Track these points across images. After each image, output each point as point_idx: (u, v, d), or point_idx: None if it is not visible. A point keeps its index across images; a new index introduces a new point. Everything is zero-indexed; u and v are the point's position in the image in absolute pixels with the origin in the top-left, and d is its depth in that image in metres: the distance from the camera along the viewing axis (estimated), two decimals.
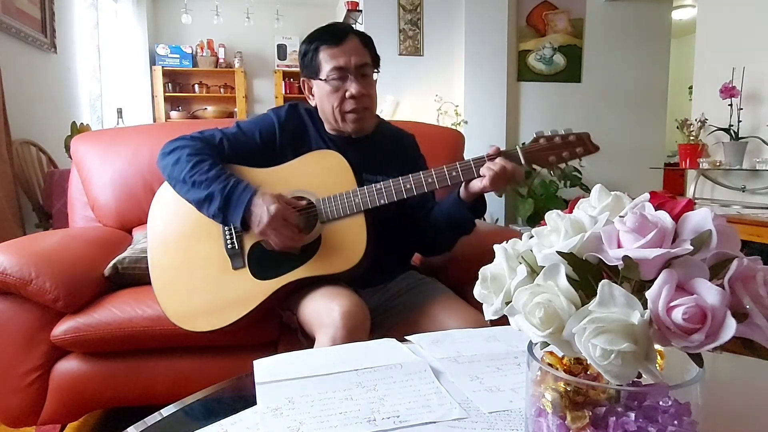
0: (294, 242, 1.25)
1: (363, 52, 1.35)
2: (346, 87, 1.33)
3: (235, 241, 1.31)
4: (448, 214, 1.34)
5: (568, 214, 0.47)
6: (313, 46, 1.36)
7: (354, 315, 1.17)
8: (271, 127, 1.39)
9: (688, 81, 4.35)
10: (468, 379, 0.73)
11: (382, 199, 1.26)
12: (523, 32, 4.28)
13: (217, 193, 1.23)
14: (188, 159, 1.28)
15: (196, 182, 1.26)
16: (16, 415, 1.40)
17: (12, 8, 2.97)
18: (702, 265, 0.42)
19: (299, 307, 1.30)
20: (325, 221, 1.29)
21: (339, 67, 1.32)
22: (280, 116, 1.41)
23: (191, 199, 1.28)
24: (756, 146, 2.66)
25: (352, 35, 1.35)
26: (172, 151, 1.31)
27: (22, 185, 2.84)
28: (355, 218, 1.28)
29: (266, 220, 1.20)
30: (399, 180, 1.27)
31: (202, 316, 1.30)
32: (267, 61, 5.93)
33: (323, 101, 1.37)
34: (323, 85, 1.35)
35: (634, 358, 0.40)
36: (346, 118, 1.36)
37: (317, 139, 1.41)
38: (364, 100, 1.35)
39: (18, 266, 1.32)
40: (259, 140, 1.38)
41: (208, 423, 0.64)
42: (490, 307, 0.50)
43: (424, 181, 1.26)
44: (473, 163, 1.24)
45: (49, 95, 3.50)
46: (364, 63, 1.35)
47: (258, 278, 1.29)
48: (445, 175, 1.25)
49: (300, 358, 0.83)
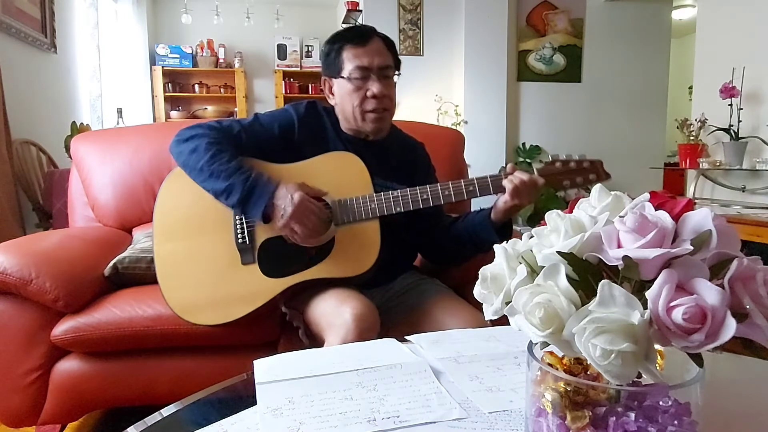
0: (317, 235, 1.25)
1: (386, 54, 1.36)
2: (367, 87, 1.34)
3: (246, 236, 1.30)
4: (474, 232, 1.34)
5: (568, 214, 0.47)
6: (337, 46, 1.37)
7: (365, 318, 1.17)
8: (290, 121, 1.39)
9: (688, 81, 4.36)
10: (468, 379, 0.73)
11: (398, 207, 1.27)
12: (523, 32, 4.29)
13: (238, 185, 1.22)
14: (207, 148, 1.26)
15: (215, 172, 1.24)
16: (16, 415, 1.40)
17: (12, 8, 2.97)
18: (702, 265, 0.42)
19: (308, 307, 1.29)
20: (339, 224, 1.28)
21: (362, 66, 1.33)
22: (299, 112, 1.40)
23: (209, 188, 1.26)
24: (756, 146, 2.66)
25: (376, 37, 1.37)
26: (190, 138, 1.30)
27: (22, 185, 2.84)
28: (369, 223, 1.28)
29: (290, 211, 1.20)
30: (416, 190, 1.27)
31: (206, 310, 1.30)
32: (267, 61, 5.92)
33: (344, 100, 1.37)
34: (345, 84, 1.35)
35: (634, 358, 0.40)
36: (366, 118, 1.36)
37: (334, 138, 1.41)
38: (384, 101, 1.36)
39: (18, 266, 1.32)
40: (278, 133, 1.37)
41: (208, 423, 0.64)
42: (490, 307, 0.50)
43: (441, 193, 1.27)
44: (490, 180, 1.26)
45: (49, 95, 3.50)
46: (387, 65, 1.36)
47: (267, 275, 1.28)
48: (462, 189, 1.27)
49: (300, 358, 0.83)
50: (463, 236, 1.36)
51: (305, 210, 1.21)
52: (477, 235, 1.33)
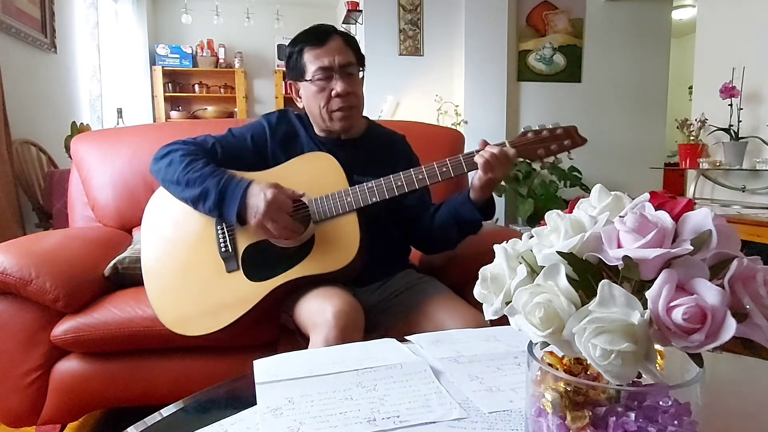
0: (293, 231, 1.25)
1: (346, 51, 1.36)
2: (331, 86, 1.34)
3: (228, 244, 1.31)
4: (456, 212, 1.34)
5: (568, 214, 0.47)
6: (297, 48, 1.37)
7: (346, 314, 1.17)
8: (262, 131, 1.41)
9: (688, 81, 4.36)
10: (468, 379, 0.73)
11: (374, 197, 1.27)
12: (523, 32, 4.28)
13: (212, 188, 1.23)
14: (181, 159, 1.29)
15: (190, 180, 1.26)
16: (16, 415, 1.40)
17: (12, 8, 2.97)
18: (702, 265, 0.42)
19: (295, 309, 1.30)
20: (318, 221, 1.29)
21: (323, 67, 1.34)
22: (270, 121, 1.43)
23: (186, 197, 1.28)
24: (756, 146, 2.66)
25: (335, 35, 1.37)
26: (165, 155, 1.33)
27: (22, 185, 2.84)
28: (347, 217, 1.28)
29: (263, 208, 1.20)
30: (390, 178, 1.27)
31: (195, 320, 1.29)
32: (267, 61, 5.93)
33: (310, 102, 1.38)
34: (309, 86, 1.36)
35: (634, 358, 0.40)
36: (333, 117, 1.37)
37: (308, 142, 1.43)
38: (350, 98, 1.36)
39: (18, 266, 1.32)
40: (251, 144, 1.40)
41: (208, 423, 0.64)
42: (490, 307, 0.50)
43: (414, 177, 1.26)
44: (463, 159, 1.25)
45: (49, 95, 3.50)
46: (349, 62, 1.36)
47: (252, 280, 1.29)
48: (435, 171, 1.26)
49: (300, 358, 0.83)
50: (448, 220, 1.36)
51: (279, 205, 1.21)
52: (460, 215, 1.33)
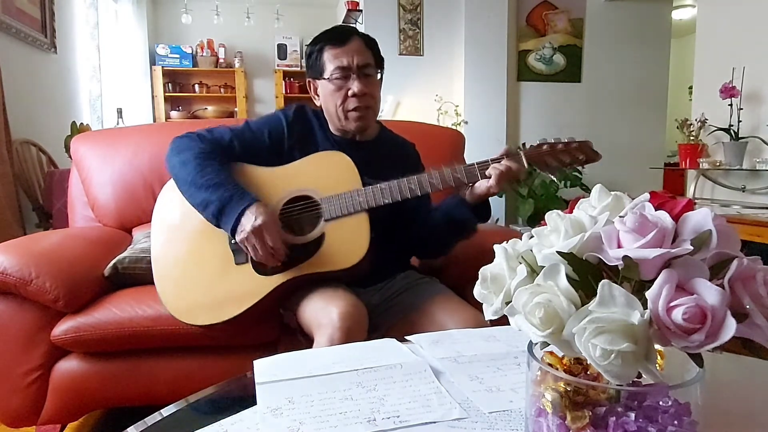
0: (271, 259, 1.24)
1: (366, 52, 1.38)
2: (348, 86, 1.36)
3: None
4: (449, 215, 1.34)
5: (568, 214, 0.47)
6: (318, 47, 1.39)
7: (351, 316, 1.17)
8: (279, 126, 1.41)
9: (688, 81, 4.36)
10: (468, 379, 0.73)
11: (386, 198, 1.27)
12: (523, 32, 4.28)
13: (215, 200, 1.24)
14: (195, 162, 1.29)
15: (199, 186, 1.27)
16: (16, 415, 1.40)
17: (12, 8, 2.97)
18: (702, 265, 0.42)
19: (299, 308, 1.30)
20: (328, 219, 1.29)
21: (342, 66, 1.35)
22: (288, 116, 1.43)
23: (192, 202, 1.30)
24: (756, 146, 2.66)
25: (355, 36, 1.38)
26: (181, 151, 1.33)
27: (22, 185, 2.84)
28: (358, 217, 1.28)
29: (248, 231, 1.20)
30: (404, 180, 1.27)
31: (201, 310, 1.30)
32: (267, 60, 5.92)
33: (327, 100, 1.40)
34: (327, 85, 1.38)
35: (634, 358, 0.40)
36: (349, 116, 1.38)
37: (323, 140, 1.43)
38: (366, 98, 1.37)
39: (18, 266, 1.32)
40: (268, 139, 1.40)
41: (208, 423, 0.64)
42: (490, 307, 0.50)
43: (428, 181, 1.26)
44: (477, 167, 1.26)
45: (49, 95, 3.50)
46: (367, 63, 1.37)
47: (260, 274, 1.29)
48: (448, 177, 1.26)
49: (300, 358, 0.83)
50: (440, 223, 1.36)
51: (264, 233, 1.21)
52: (453, 217, 1.33)
